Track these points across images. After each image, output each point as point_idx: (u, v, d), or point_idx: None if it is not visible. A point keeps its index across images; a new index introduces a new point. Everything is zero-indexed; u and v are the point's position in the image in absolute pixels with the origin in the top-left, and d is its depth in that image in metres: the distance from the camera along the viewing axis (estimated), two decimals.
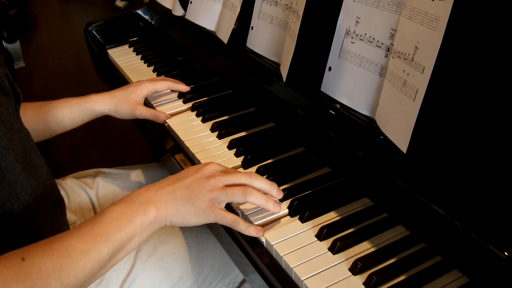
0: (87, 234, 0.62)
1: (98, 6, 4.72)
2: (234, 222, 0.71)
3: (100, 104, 1.03)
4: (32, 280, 0.57)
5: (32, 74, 3.16)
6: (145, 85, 1.06)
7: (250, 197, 0.71)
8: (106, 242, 0.63)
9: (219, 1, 1.17)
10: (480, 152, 0.61)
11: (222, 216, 0.70)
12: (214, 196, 0.70)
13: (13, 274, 0.56)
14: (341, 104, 0.82)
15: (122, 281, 0.85)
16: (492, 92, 0.60)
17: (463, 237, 0.57)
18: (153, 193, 0.69)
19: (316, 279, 0.64)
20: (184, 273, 0.90)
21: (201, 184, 0.70)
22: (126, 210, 0.66)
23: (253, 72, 1.01)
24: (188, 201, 0.70)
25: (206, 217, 0.70)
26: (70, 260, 0.59)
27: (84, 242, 0.61)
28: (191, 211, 0.70)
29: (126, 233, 0.65)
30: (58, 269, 0.59)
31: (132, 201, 0.68)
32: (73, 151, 2.39)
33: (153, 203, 0.68)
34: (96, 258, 0.62)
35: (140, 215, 0.66)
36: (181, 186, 0.71)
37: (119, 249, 0.65)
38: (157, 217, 0.68)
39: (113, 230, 0.64)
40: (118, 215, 0.65)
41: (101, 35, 1.49)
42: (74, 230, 0.63)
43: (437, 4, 0.61)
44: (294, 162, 0.86)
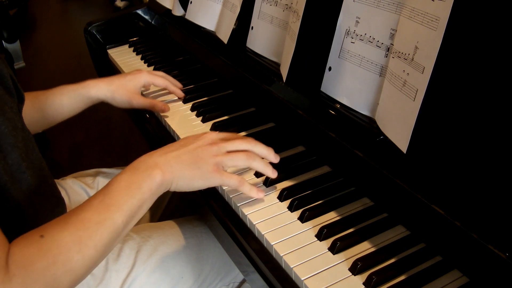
0: (99, 205, 0.64)
1: (98, 6, 4.72)
2: (239, 183, 0.74)
3: (96, 90, 1.02)
4: (54, 255, 0.58)
5: (32, 74, 3.16)
6: (143, 75, 1.06)
7: (253, 162, 0.75)
8: (120, 211, 0.64)
9: (219, 1, 1.17)
10: (480, 152, 0.61)
11: (228, 178, 0.73)
12: (219, 160, 0.72)
13: (34, 251, 0.57)
14: (341, 104, 0.82)
15: (123, 281, 0.85)
16: (492, 92, 0.60)
17: (463, 237, 0.57)
18: (157, 158, 0.70)
19: (316, 279, 0.64)
20: (184, 273, 0.90)
21: (205, 149, 0.73)
22: (133, 177, 0.67)
23: (253, 72, 1.01)
24: (194, 164, 0.71)
25: (212, 179, 0.72)
26: (87, 232, 0.61)
27: (98, 213, 0.63)
28: (197, 174, 0.71)
29: (137, 199, 0.66)
30: (78, 242, 0.60)
31: (137, 168, 0.69)
32: (73, 151, 2.38)
33: (158, 167, 0.69)
34: (112, 227, 0.63)
35: (147, 180, 0.67)
36: (186, 151, 0.72)
37: (131, 216, 0.66)
38: (164, 181, 0.69)
39: (124, 198, 0.65)
40: (126, 183, 0.66)
41: (101, 35, 1.49)
42: (86, 204, 0.64)
43: (437, 4, 0.61)
44: (294, 162, 0.86)
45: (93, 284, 0.83)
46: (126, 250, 0.88)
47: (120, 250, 0.88)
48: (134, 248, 0.89)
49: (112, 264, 0.86)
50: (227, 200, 0.81)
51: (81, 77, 1.07)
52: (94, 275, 0.84)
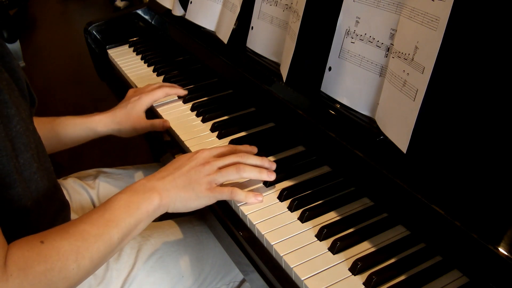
0: (99, 220, 0.67)
1: (98, 6, 4.72)
2: (232, 194, 0.76)
3: (103, 125, 1.03)
4: (52, 261, 0.60)
5: (32, 74, 3.16)
6: (144, 99, 1.05)
7: (244, 173, 0.77)
8: (117, 227, 0.67)
9: (219, 1, 1.17)
10: (480, 152, 0.61)
11: (220, 192, 0.76)
12: (211, 179, 0.76)
13: (34, 255, 0.60)
14: (341, 104, 0.82)
15: (123, 281, 0.85)
16: (492, 92, 0.60)
17: (463, 237, 0.57)
18: (155, 183, 0.74)
19: (316, 279, 0.64)
20: (185, 273, 0.90)
21: (198, 170, 0.76)
22: (133, 198, 0.71)
23: (253, 72, 1.01)
24: (188, 186, 0.75)
25: (206, 198, 0.76)
26: (85, 243, 0.64)
27: (97, 227, 0.66)
28: (192, 196, 0.75)
29: (134, 219, 0.69)
30: (75, 251, 0.63)
31: (137, 190, 0.73)
32: (73, 151, 2.38)
33: (156, 192, 0.73)
34: (108, 242, 0.66)
35: (145, 203, 0.71)
36: (180, 174, 0.76)
37: (127, 234, 0.69)
38: (161, 204, 0.73)
39: (123, 216, 0.68)
40: (126, 202, 0.70)
41: (101, 35, 1.49)
42: (86, 216, 0.67)
43: (437, 4, 0.61)
44: (294, 162, 0.87)
45: (94, 283, 0.83)
46: (127, 249, 0.88)
47: (120, 249, 0.88)
48: (135, 247, 0.89)
49: (113, 263, 0.86)
50: (227, 200, 0.81)
51: (81, 77, 1.06)
52: (95, 274, 0.84)
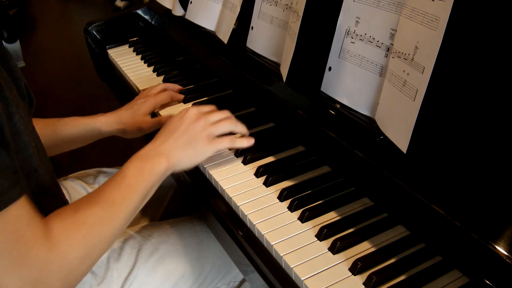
0: (119, 186, 0.73)
1: (98, 6, 4.72)
2: (231, 142, 0.85)
3: (108, 126, 1.03)
4: (90, 226, 0.66)
5: (32, 74, 3.16)
6: (150, 101, 1.05)
7: (236, 127, 0.87)
8: (137, 191, 0.73)
9: (219, 1, 1.17)
10: (480, 152, 0.61)
11: (220, 142, 0.84)
12: (209, 132, 0.83)
13: (71, 223, 0.65)
14: (341, 104, 0.82)
15: (124, 280, 0.85)
16: (492, 92, 0.60)
17: (463, 237, 0.57)
18: (159, 147, 0.80)
19: (316, 279, 0.64)
20: (185, 272, 0.90)
21: (193, 127, 0.82)
22: (143, 165, 0.77)
23: (253, 72, 1.01)
24: (189, 145, 0.81)
25: (208, 151, 0.83)
26: (114, 207, 0.70)
27: (119, 192, 0.72)
28: (194, 152, 0.81)
29: (149, 183, 0.75)
30: (107, 216, 0.69)
31: (145, 156, 0.78)
32: (73, 151, 2.38)
33: (163, 156, 0.78)
34: (132, 204, 0.72)
35: (155, 167, 0.77)
36: (179, 135, 0.81)
37: (145, 195, 0.75)
38: (169, 166, 0.78)
39: (139, 181, 0.74)
40: (138, 169, 0.76)
41: (101, 35, 1.49)
42: (106, 185, 0.73)
43: (437, 4, 0.61)
44: (294, 162, 0.87)
45: (94, 283, 0.83)
46: (127, 249, 0.88)
47: (121, 250, 0.88)
48: (135, 247, 0.89)
49: (113, 263, 0.86)
50: (227, 200, 0.81)
51: (81, 77, 1.06)
52: (95, 274, 0.84)
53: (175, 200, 1.19)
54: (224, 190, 0.81)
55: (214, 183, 0.85)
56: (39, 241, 0.60)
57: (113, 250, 0.88)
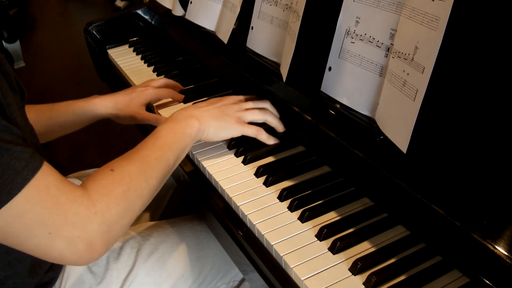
0: (154, 146, 0.77)
1: (98, 6, 4.72)
2: (258, 132, 0.89)
3: (103, 108, 1.03)
4: (127, 183, 0.69)
5: (32, 74, 3.16)
6: (150, 92, 1.05)
7: (268, 117, 0.91)
8: (170, 150, 0.77)
9: (219, 1, 1.17)
10: (480, 152, 0.61)
11: (248, 127, 0.88)
12: (240, 115, 0.88)
13: (109, 181, 0.68)
14: (341, 104, 0.82)
15: (123, 280, 0.85)
16: (492, 92, 0.60)
17: (463, 237, 0.57)
18: (192, 111, 0.85)
19: (316, 279, 0.64)
20: (185, 272, 0.90)
21: (229, 107, 0.89)
22: (176, 125, 0.81)
23: (253, 72, 1.01)
24: (221, 117, 0.86)
25: (234, 130, 0.87)
26: (149, 165, 0.73)
27: (154, 151, 0.75)
28: (222, 125, 0.86)
29: (182, 142, 0.80)
30: (143, 173, 0.72)
31: (177, 118, 0.83)
32: (73, 151, 2.38)
33: (194, 117, 0.83)
34: (166, 163, 0.76)
35: (188, 127, 0.82)
36: (213, 107, 0.88)
37: (178, 155, 0.79)
38: (200, 129, 0.83)
39: (173, 140, 0.79)
40: (171, 130, 0.80)
41: (101, 35, 1.49)
42: (142, 145, 0.77)
43: (437, 4, 0.61)
44: (294, 162, 0.87)
45: (94, 283, 0.83)
46: (126, 249, 0.88)
47: (120, 249, 0.88)
48: (135, 247, 0.89)
49: (112, 263, 0.86)
50: (227, 199, 0.81)
51: (81, 77, 1.06)
52: (95, 274, 0.84)
53: (174, 200, 1.19)
54: (224, 190, 0.81)
55: (214, 183, 0.85)
56: (76, 201, 0.63)
57: (113, 250, 0.88)
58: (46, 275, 0.79)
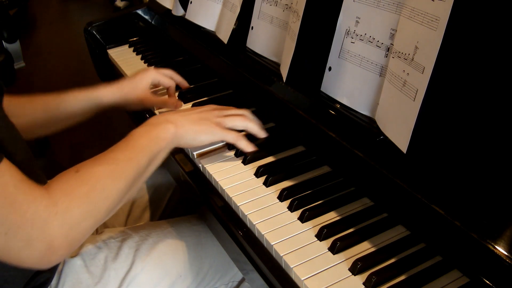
0: (126, 147, 0.74)
1: (98, 6, 4.72)
2: (237, 138, 0.85)
3: (110, 97, 1.02)
4: (92, 183, 0.67)
5: (32, 74, 3.16)
6: (151, 73, 1.05)
7: (249, 123, 0.88)
8: (143, 152, 0.75)
9: (219, 1, 1.17)
10: (480, 152, 0.61)
11: (227, 132, 0.85)
12: (220, 120, 0.85)
13: (74, 181, 0.66)
14: (341, 104, 0.82)
15: (121, 280, 0.85)
16: (492, 92, 0.60)
17: (463, 237, 0.57)
18: (169, 116, 0.82)
19: (316, 279, 0.64)
20: (183, 272, 0.90)
21: (209, 112, 0.86)
22: (151, 129, 0.79)
23: (253, 72, 1.01)
24: (199, 121, 0.84)
25: (214, 134, 0.84)
26: (118, 167, 0.71)
27: (125, 153, 0.73)
28: (201, 129, 0.83)
29: (156, 146, 0.77)
30: (110, 174, 0.69)
31: (153, 123, 0.80)
32: (73, 151, 2.38)
33: (171, 122, 0.80)
34: (137, 165, 0.73)
35: (163, 131, 0.79)
36: (192, 112, 0.85)
37: (151, 159, 0.76)
38: (176, 133, 0.80)
39: (146, 143, 0.76)
40: (146, 133, 0.78)
41: (101, 35, 1.49)
42: (113, 147, 0.74)
43: (437, 4, 0.61)
44: (294, 162, 0.86)
45: (91, 283, 0.83)
46: (125, 248, 0.88)
47: (118, 249, 0.88)
48: (133, 247, 0.89)
49: (111, 263, 0.86)
50: (227, 199, 0.81)
51: (81, 77, 1.07)
52: (92, 274, 0.84)
53: (174, 200, 1.19)
54: (224, 190, 0.81)
55: (214, 183, 0.85)
56: (35, 201, 0.60)
57: (111, 250, 0.87)
58: (42, 275, 0.78)
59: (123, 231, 0.92)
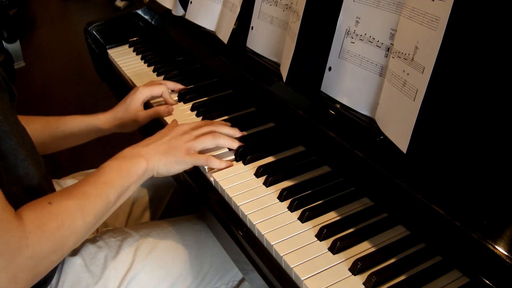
0: (96, 182, 0.75)
1: (98, 6, 4.72)
2: (207, 161, 0.86)
3: (107, 124, 1.06)
4: (62, 219, 0.68)
5: (32, 74, 3.16)
6: (140, 91, 1.07)
7: (219, 139, 0.88)
8: (113, 188, 0.76)
9: (219, 1, 1.17)
10: (480, 152, 0.61)
11: (197, 158, 0.85)
12: (190, 145, 0.85)
13: (46, 214, 0.67)
14: (341, 104, 0.82)
15: (121, 279, 0.85)
16: (492, 92, 0.60)
17: (463, 237, 0.57)
18: (141, 149, 0.83)
19: (316, 279, 0.64)
20: (183, 271, 0.90)
21: (178, 139, 0.86)
22: (123, 163, 0.79)
23: (253, 72, 1.01)
24: (169, 152, 0.84)
25: (184, 162, 0.85)
26: (88, 202, 0.72)
27: (95, 188, 0.74)
28: (172, 160, 0.84)
29: (126, 181, 0.78)
30: (80, 209, 0.71)
31: (125, 156, 0.81)
32: (73, 151, 2.37)
33: (142, 157, 0.81)
34: (107, 200, 0.74)
35: (134, 167, 0.80)
36: (162, 142, 0.85)
37: (121, 194, 0.77)
38: (148, 168, 0.81)
39: (116, 178, 0.77)
40: (117, 168, 0.78)
41: (101, 35, 1.49)
42: (84, 180, 0.75)
43: (437, 4, 0.61)
44: (294, 162, 0.86)
45: (91, 282, 0.83)
46: (124, 247, 0.88)
47: (119, 248, 0.88)
48: (133, 246, 0.89)
49: (110, 262, 0.86)
50: (227, 199, 0.81)
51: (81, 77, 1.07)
52: (92, 273, 0.84)
53: (174, 200, 1.19)
54: (224, 190, 0.81)
55: (214, 183, 0.85)
56: (9, 232, 0.61)
57: (111, 249, 0.87)
58: None
59: (123, 230, 0.92)
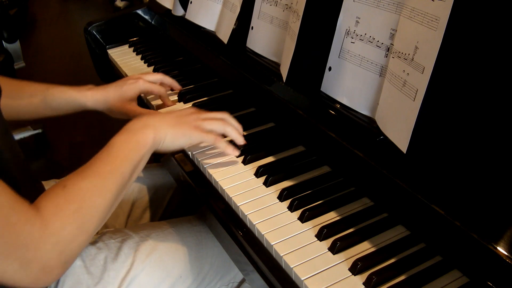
0: (108, 159, 0.74)
1: (98, 6, 4.72)
2: (216, 140, 0.85)
3: (93, 102, 1.02)
4: (80, 200, 0.67)
5: (32, 74, 3.16)
6: (140, 84, 1.04)
7: (227, 128, 0.87)
8: (125, 161, 0.75)
9: (219, 1, 1.17)
10: (480, 152, 0.61)
11: (205, 134, 0.85)
12: (199, 123, 0.85)
13: (62, 199, 0.66)
14: (341, 104, 0.82)
15: (121, 280, 0.85)
16: (492, 92, 0.60)
17: (463, 237, 0.57)
18: (147, 120, 0.81)
19: (316, 279, 0.64)
20: (183, 272, 0.90)
21: (187, 116, 0.86)
22: (131, 135, 0.78)
23: (253, 72, 1.01)
24: (177, 124, 0.83)
25: (192, 136, 0.84)
26: (103, 180, 0.71)
27: (109, 165, 0.73)
28: (179, 132, 0.83)
29: (138, 153, 0.77)
30: (97, 188, 0.70)
31: (131, 129, 0.79)
32: (73, 151, 2.38)
33: (149, 127, 0.80)
34: (121, 176, 0.73)
35: (143, 137, 0.78)
36: (170, 116, 0.85)
37: (135, 166, 0.76)
38: (155, 137, 0.79)
39: (127, 152, 0.76)
40: (125, 141, 0.77)
41: (101, 35, 1.49)
42: (95, 158, 0.74)
43: (437, 4, 0.61)
44: (294, 162, 0.86)
45: (91, 284, 0.83)
46: (125, 249, 0.88)
47: (118, 249, 0.88)
48: (133, 247, 0.89)
49: (110, 263, 0.86)
50: (227, 200, 0.81)
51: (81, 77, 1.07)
52: (92, 274, 0.84)
53: (174, 200, 1.19)
54: (224, 190, 0.81)
55: (214, 183, 0.85)
56: (29, 222, 0.61)
57: (111, 250, 0.87)
58: None
59: (123, 232, 0.92)
